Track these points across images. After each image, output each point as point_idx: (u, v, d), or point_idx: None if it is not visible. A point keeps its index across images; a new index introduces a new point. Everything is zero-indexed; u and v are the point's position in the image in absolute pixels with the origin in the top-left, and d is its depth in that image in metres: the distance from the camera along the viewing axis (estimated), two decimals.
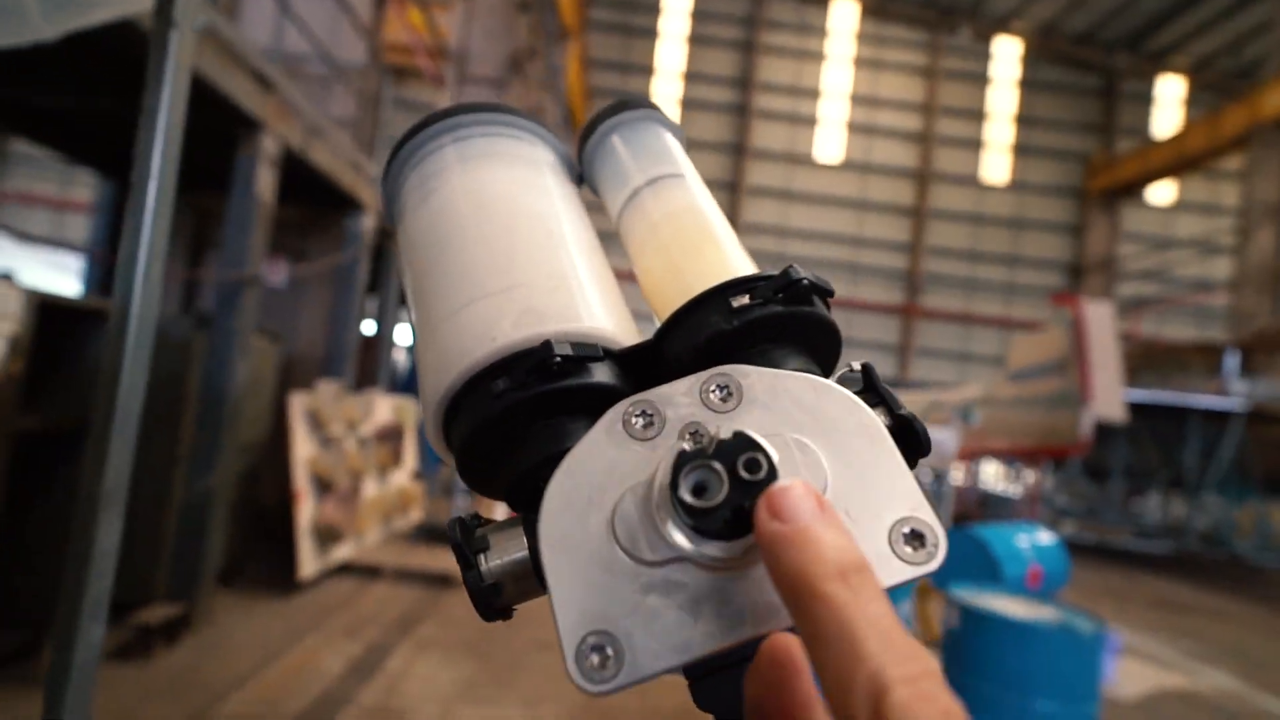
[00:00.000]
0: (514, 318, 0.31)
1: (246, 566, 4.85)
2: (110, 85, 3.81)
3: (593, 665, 0.23)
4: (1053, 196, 20.91)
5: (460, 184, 0.36)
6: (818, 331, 0.33)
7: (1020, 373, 11.04)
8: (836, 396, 0.26)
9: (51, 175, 17.52)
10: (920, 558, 0.23)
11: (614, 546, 0.24)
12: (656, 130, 0.44)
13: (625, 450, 0.26)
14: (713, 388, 0.27)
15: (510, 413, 0.29)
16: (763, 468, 0.22)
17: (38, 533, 3.19)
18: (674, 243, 0.38)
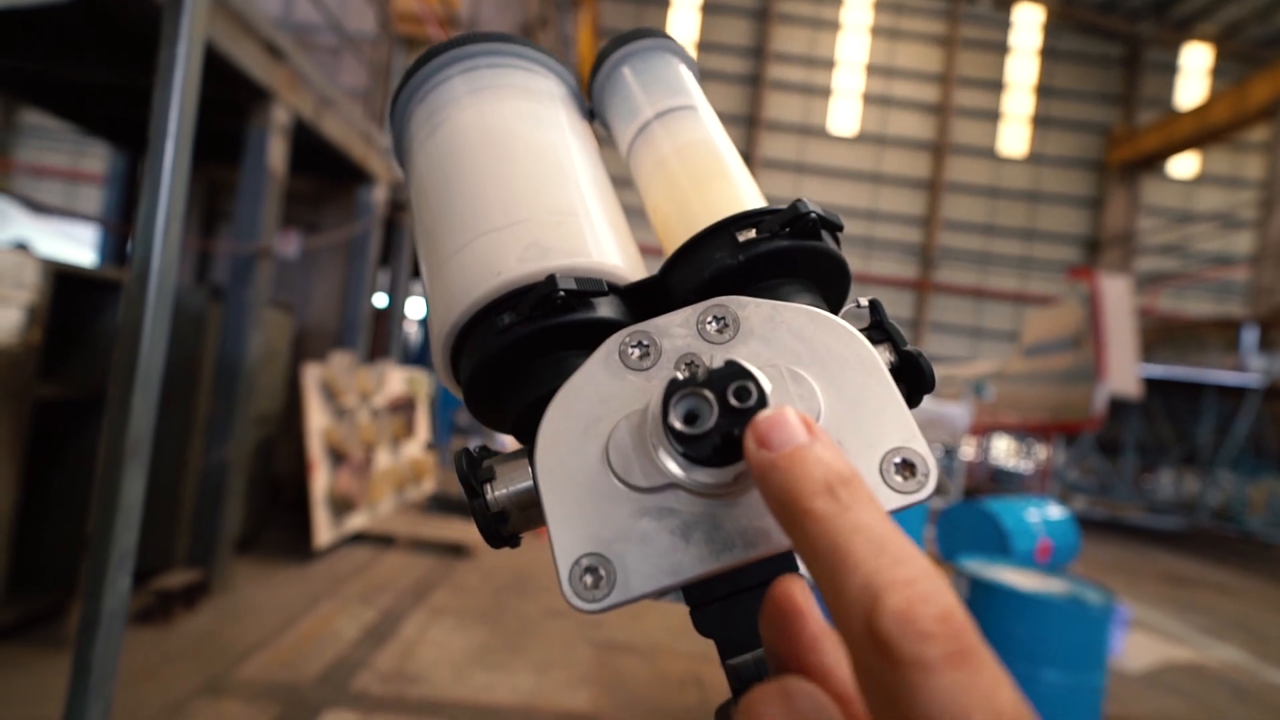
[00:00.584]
0: (519, 252, 0.31)
1: (263, 534, 4.93)
2: (122, 56, 3.79)
3: (586, 585, 0.23)
4: (1071, 169, 20.51)
5: (466, 118, 0.35)
6: (826, 266, 0.33)
7: (1034, 348, 10.94)
8: (834, 328, 0.26)
9: (64, 147, 17.56)
10: (911, 487, 0.23)
11: (608, 473, 0.25)
12: (668, 60, 0.42)
13: (621, 380, 0.26)
14: (709, 319, 0.27)
15: (515, 347, 0.29)
16: (752, 395, 0.22)
17: (59, 499, 3.25)
18: (683, 176, 0.37)
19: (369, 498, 5.41)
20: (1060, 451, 11.84)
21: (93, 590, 0.82)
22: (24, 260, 2.82)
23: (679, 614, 4.39)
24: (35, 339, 2.91)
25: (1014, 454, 16.34)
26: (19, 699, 2.64)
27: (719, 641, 0.27)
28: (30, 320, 2.87)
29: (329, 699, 2.92)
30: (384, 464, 5.75)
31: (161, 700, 2.73)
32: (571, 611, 4.35)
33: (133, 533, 0.85)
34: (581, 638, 3.87)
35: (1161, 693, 4.12)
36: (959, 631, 0.17)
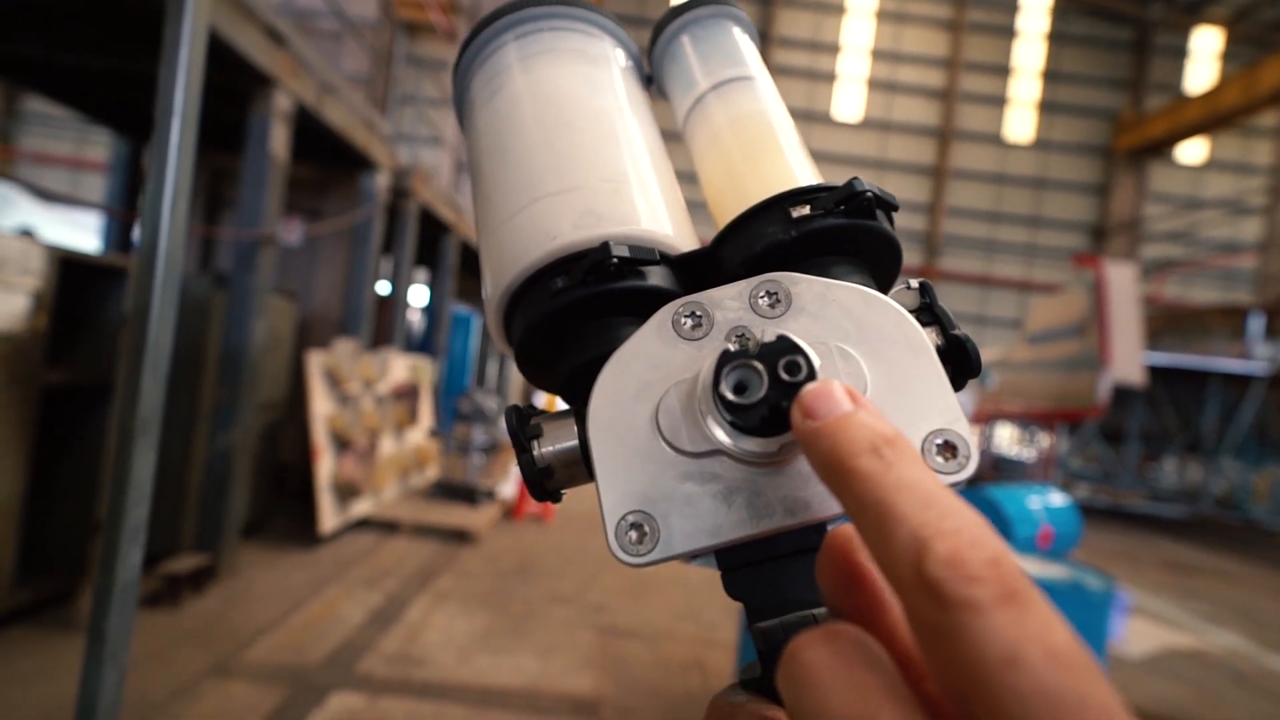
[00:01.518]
0: (574, 219, 0.31)
1: (269, 520, 4.98)
2: (125, 42, 3.78)
3: (631, 540, 0.25)
4: (1078, 155, 20.35)
5: (524, 82, 0.36)
6: (879, 246, 0.33)
7: (1038, 335, 10.91)
8: (884, 308, 0.26)
9: (67, 134, 17.53)
10: (952, 468, 0.24)
11: (657, 437, 0.25)
12: (728, 28, 0.42)
13: (673, 348, 0.27)
14: (762, 294, 0.27)
15: (567, 310, 0.30)
16: (802, 370, 0.22)
17: (67, 484, 3.28)
18: (736, 149, 0.37)
19: (373, 484, 5.44)
20: (1063, 439, 11.84)
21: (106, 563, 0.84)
22: (29, 246, 2.83)
23: (681, 599, 4.43)
24: (41, 325, 2.92)
25: (1017, 442, 16.33)
26: (32, 679, 2.68)
27: (748, 605, 0.27)
28: (36, 307, 2.89)
29: (335, 681, 2.96)
30: (388, 451, 5.78)
31: (171, 682, 2.77)
32: (574, 597, 4.37)
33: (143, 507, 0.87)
34: (584, 622, 3.90)
35: (1162, 678, 4.14)
36: (1008, 575, 0.17)
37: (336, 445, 4.98)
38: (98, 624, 0.84)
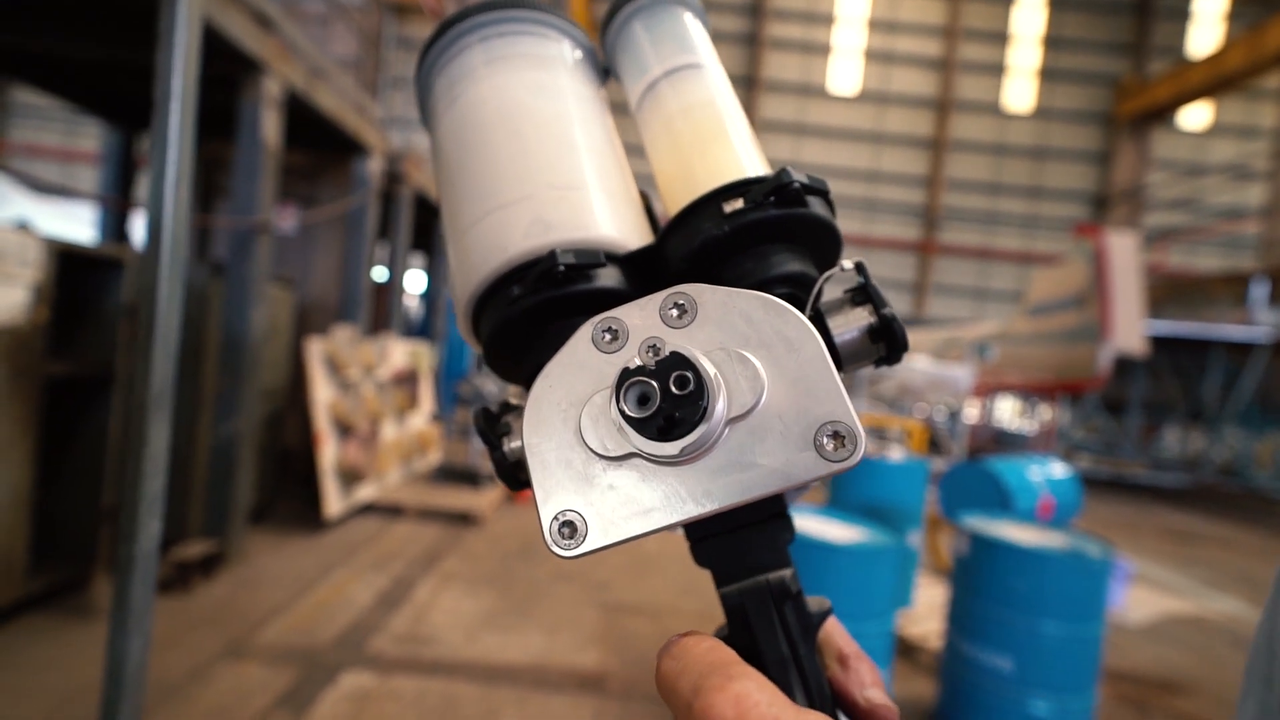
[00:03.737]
0: (524, 228, 0.33)
1: (275, 506, 5.02)
2: (113, 29, 3.74)
3: (563, 536, 0.27)
4: (1079, 123, 20.13)
5: (479, 92, 0.37)
6: (814, 230, 0.34)
7: (1039, 307, 10.88)
8: (781, 313, 0.28)
9: (57, 125, 17.41)
10: (841, 455, 0.26)
11: (581, 444, 0.28)
12: (678, 14, 0.42)
13: (594, 361, 0.29)
14: (671, 306, 0.29)
15: (523, 316, 0.32)
16: (690, 383, 0.25)
17: (73, 474, 3.32)
18: (687, 138, 0.38)
19: (376, 469, 5.48)
20: (1065, 411, 11.86)
21: (127, 534, 0.87)
22: (27, 239, 2.83)
23: (684, 575, 4.48)
24: (42, 318, 2.93)
25: (1018, 415, 16.37)
26: (49, 666, 2.73)
27: (714, 572, 0.31)
28: (37, 299, 2.90)
29: (346, 661, 3.01)
30: (390, 436, 5.82)
31: (186, 665, 2.82)
32: (579, 575, 4.41)
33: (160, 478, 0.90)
34: (589, 600, 3.95)
35: (1161, 643, 4.20)
36: None
37: (339, 431, 5.01)
38: (122, 593, 0.88)
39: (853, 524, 2.72)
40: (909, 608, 3.97)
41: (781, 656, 0.29)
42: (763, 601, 0.30)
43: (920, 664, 3.51)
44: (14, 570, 2.94)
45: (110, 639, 0.86)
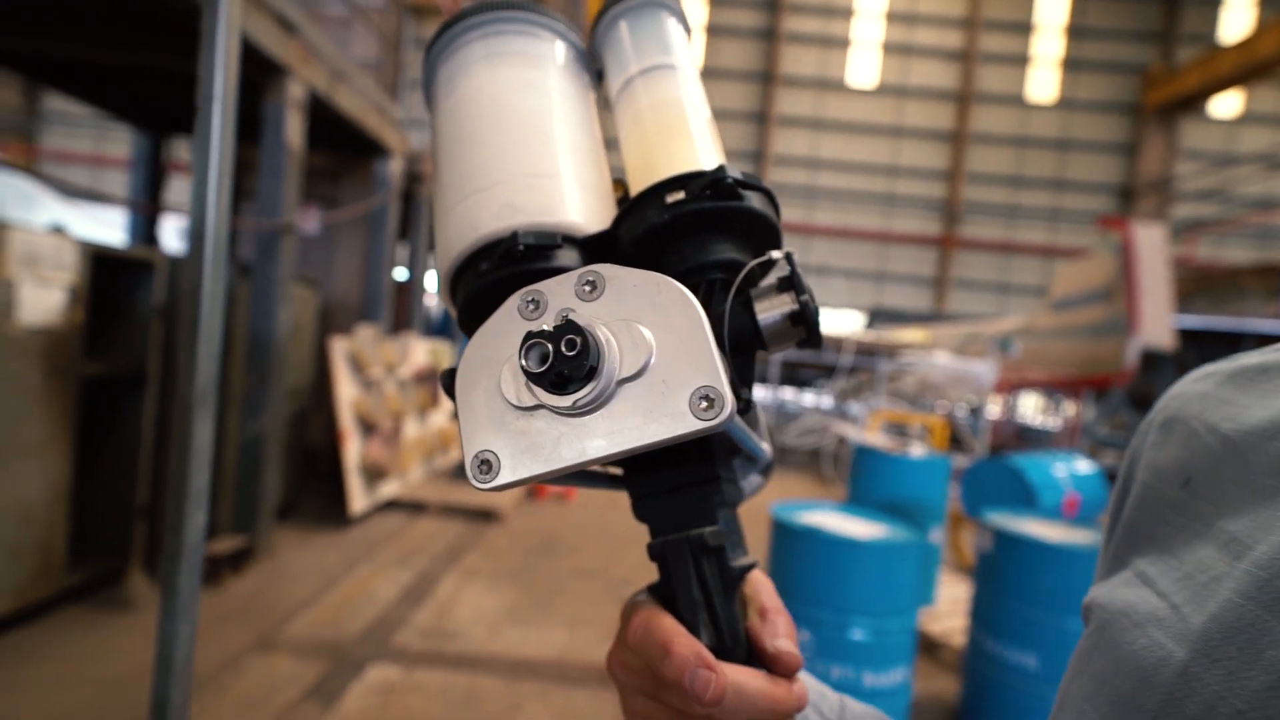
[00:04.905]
0: (494, 210, 0.37)
1: (301, 503, 5.11)
2: (145, 38, 3.82)
3: (481, 471, 0.31)
4: (1104, 114, 19.76)
5: (470, 86, 0.41)
6: (748, 222, 0.38)
7: (1063, 301, 10.72)
8: (673, 291, 0.31)
9: (87, 132, 17.78)
10: (709, 415, 0.29)
11: (500, 395, 0.32)
12: (662, 18, 0.45)
13: (516, 326, 0.32)
14: (584, 283, 0.32)
15: (488, 289, 0.36)
16: (577, 346, 0.29)
17: (108, 472, 3.40)
18: (652, 133, 0.41)
19: (399, 466, 5.56)
20: (1090, 407, 11.68)
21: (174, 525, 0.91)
22: (63, 243, 2.91)
23: None
24: (78, 319, 3.02)
25: (1041, 410, 16.13)
26: (89, 656, 2.81)
27: (650, 526, 0.36)
28: (72, 301, 2.98)
29: (372, 654, 3.07)
30: (412, 433, 5.89)
31: (218, 657, 2.89)
32: (600, 572, 4.44)
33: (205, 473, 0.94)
34: (609, 596, 3.98)
35: None
36: None
37: (362, 429, 5.09)
38: (170, 581, 0.91)
39: (874, 520, 2.72)
40: (931, 605, 3.95)
41: (692, 600, 0.34)
42: (680, 553, 0.34)
43: (943, 661, 3.49)
44: (53, 564, 3.03)
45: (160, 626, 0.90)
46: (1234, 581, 0.26)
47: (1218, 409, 0.31)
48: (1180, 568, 0.29)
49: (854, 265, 20.52)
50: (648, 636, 0.32)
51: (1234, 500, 0.28)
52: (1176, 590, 0.29)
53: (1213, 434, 0.31)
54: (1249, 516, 0.27)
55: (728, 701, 0.31)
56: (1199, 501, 0.30)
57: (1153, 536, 0.32)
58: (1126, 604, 0.31)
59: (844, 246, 20.48)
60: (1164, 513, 0.32)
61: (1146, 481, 0.34)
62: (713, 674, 0.30)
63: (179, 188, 8.57)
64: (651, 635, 0.32)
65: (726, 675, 0.31)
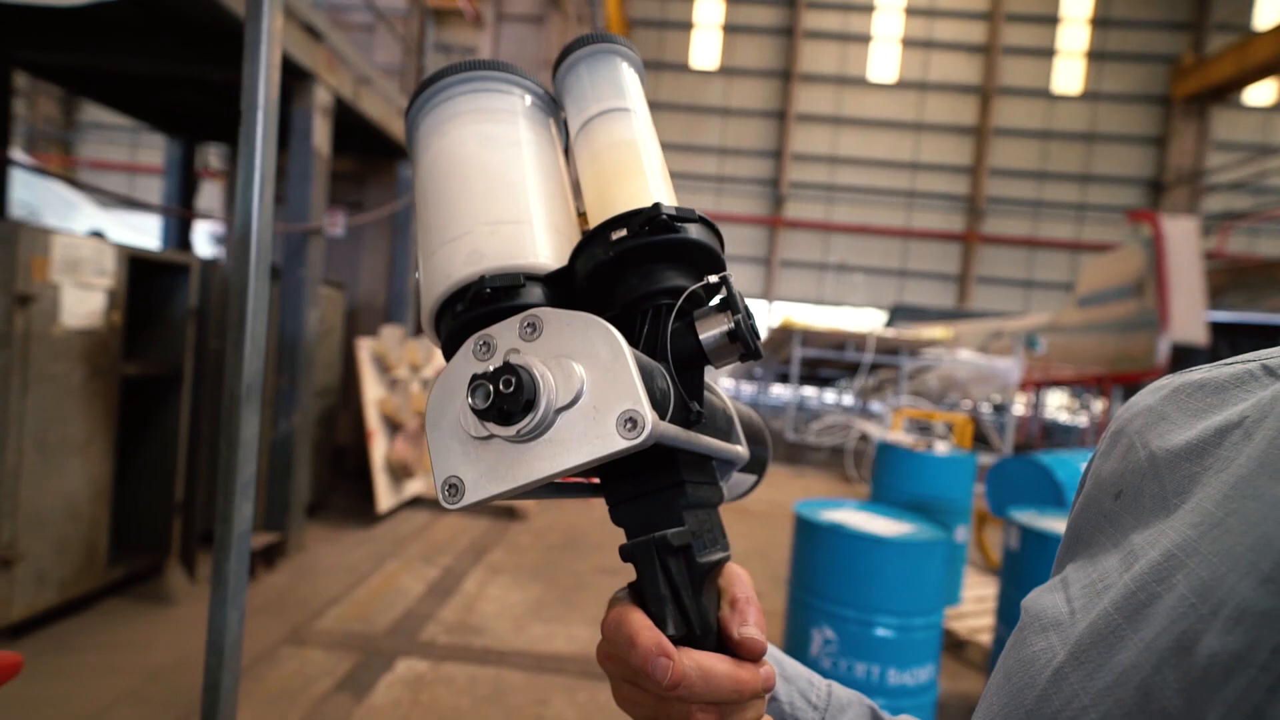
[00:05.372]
0: (464, 258, 0.41)
1: (330, 500, 5.22)
2: (180, 49, 3.93)
3: (449, 494, 0.35)
4: (1132, 105, 19.38)
5: (439, 145, 0.45)
6: (688, 251, 0.41)
7: (1090, 297, 10.55)
8: (598, 328, 0.35)
9: (122, 141, 18.23)
10: (633, 434, 0.33)
11: (459, 426, 0.36)
12: (616, 63, 0.49)
13: (471, 366, 0.37)
14: (526, 325, 0.36)
15: (463, 328, 0.40)
16: (514, 384, 0.33)
17: (146, 470, 3.51)
18: (608, 171, 0.45)
19: (424, 464, 5.64)
20: (1118, 403, 11.46)
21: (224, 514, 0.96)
22: (104, 248, 3.01)
23: None
24: (117, 321, 3.12)
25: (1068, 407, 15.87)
26: (130, 647, 2.91)
27: (626, 530, 0.39)
28: (112, 304, 3.08)
29: (401, 648, 3.13)
30: None
31: (253, 649, 2.97)
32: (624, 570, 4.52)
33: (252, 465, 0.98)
34: None
35: None
36: None
37: (388, 428, 5.18)
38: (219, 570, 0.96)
39: (898, 519, 2.72)
40: (957, 605, 3.92)
41: (659, 595, 0.37)
42: (647, 553, 0.38)
43: (969, 660, 3.48)
44: (97, 559, 3.13)
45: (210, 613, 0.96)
46: (1114, 592, 0.29)
47: (1155, 425, 0.33)
48: (1091, 575, 0.32)
49: (875, 262, 20.35)
50: (617, 630, 0.36)
51: (1146, 515, 0.30)
52: (1080, 596, 0.31)
53: (1144, 450, 0.32)
54: (1150, 530, 0.29)
55: (694, 684, 0.35)
56: (1124, 514, 0.32)
57: (1087, 544, 0.34)
58: (1041, 608, 0.33)
59: (864, 243, 20.32)
60: (1099, 522, 0.34)
61: (1090, 491, 0.36)
62: (670, 661, 0.34)
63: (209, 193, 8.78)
64: (620, 629, 0.36)
65: (687, 662, 0.35)
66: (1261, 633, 0.22)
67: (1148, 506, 0.30)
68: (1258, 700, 0.22)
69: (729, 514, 6.32)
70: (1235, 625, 0.23)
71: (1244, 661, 0.23)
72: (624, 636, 0.36)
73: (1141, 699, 0.25)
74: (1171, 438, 0.31)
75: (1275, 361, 0.30)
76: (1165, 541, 0.28)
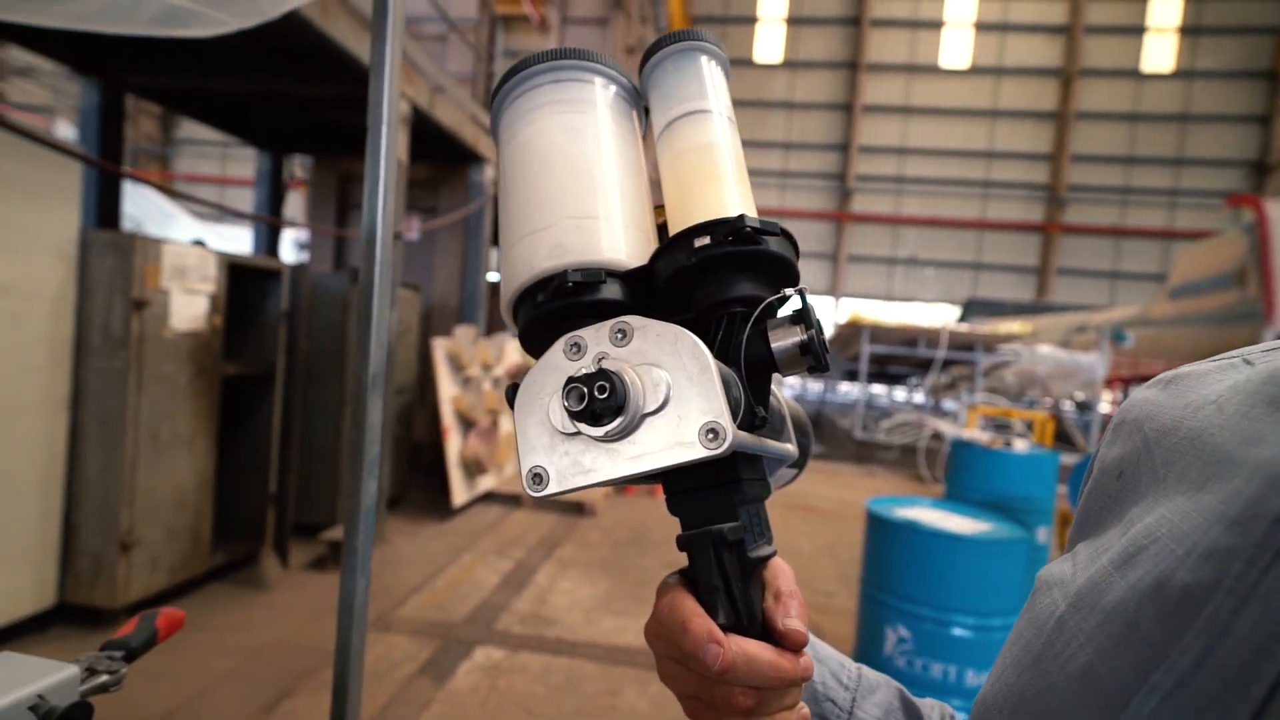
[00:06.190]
0: (547, 250, 0.43)
1: (408, 494, 5.44)
2: (274, 68, 4.18)
3: (534, 483, 0.38)
4: (1231, 82, 18.02)
5: (525, 135, 0.46)
6: (766, 263, 0.43)
7: (1184, 287, 9.90)
8: (687, 341, 0.37)
9: (214, 154, 19.47)
10: (714, 444, 0.35)
11: (549, 421, 0.38)
12: (701, 62, 0.50)
13: (562, 366, 0.39)
14: (616, 331, 0.38)
15: (544, 318, 0.43)
16: (607, 390, 0.35)
17: (243, 464, 3.75)
18: (688, 175, 0.46)
19: (496, 460, 5.81)
20: None
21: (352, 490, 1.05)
22: (206, 255, 3.24)
23: (796, 568, 4.45)
24: (218, 323, 3.35)
25: None
26: (233, 628, 3.13)
27: (681, 520, 0.41)
28: (213, 308, 3.31)
29: (479, 637, 3.25)
30: (507, 429, 6.14)
31: None
32: None
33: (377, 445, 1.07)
34: None
35: None
36: None
37: (462, 425, 5.36)
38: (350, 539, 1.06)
39: (975, 517, 2.64)
40: None
41: (712, 585, 0.39)
42: (703, 545, 0.39)
43: None
44: (202, 546, 3.38)
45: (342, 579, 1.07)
46: (1111, 552, 0.32)
47: (1150, 412, 0.36)
48: (1094, 546, 0.35)
49: (948, 255, 19.65)
50: (671, 615, 0.39)
51: (1143, 488, 0.33)
52: (1083, 562, 0.34)
53: (1140, 433, 0.35)
54: (1145, 501, 0.33)
55: (739, 670, 0.37)
56: (1125, 492, 0.35)
57: (1097, 523, 0.37)
58: (1049, 574, 0.37)
59: (936, 236, 19.65)
60: (1104, 502, 0.37)
61: (1097, 477, 0.39)
62: (721, 648, 0.36)
63: (292, 202, 9.28)
64: (674, 614, 0.38)
65: (735, 649, 0.37)
66: (1228, 564, 0.26)
67: (1144, 482, 0.34)
68: (1224, 621, 0.26)
69: (799, 513, 6.25)
70: (1205, 561, 0.27)
71: (1212, 589, 0.26)
72: (677, 621, 0.38)
73: (1127, 631, 0.29)
74: (1160, 418, 0.34)
75: (1255, 355, 0.33)
76: (1156, 507, 0.31)
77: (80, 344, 2.92)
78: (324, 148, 6.04)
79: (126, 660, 0.63)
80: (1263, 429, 0.28)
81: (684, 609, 0.38)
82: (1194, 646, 0.26)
